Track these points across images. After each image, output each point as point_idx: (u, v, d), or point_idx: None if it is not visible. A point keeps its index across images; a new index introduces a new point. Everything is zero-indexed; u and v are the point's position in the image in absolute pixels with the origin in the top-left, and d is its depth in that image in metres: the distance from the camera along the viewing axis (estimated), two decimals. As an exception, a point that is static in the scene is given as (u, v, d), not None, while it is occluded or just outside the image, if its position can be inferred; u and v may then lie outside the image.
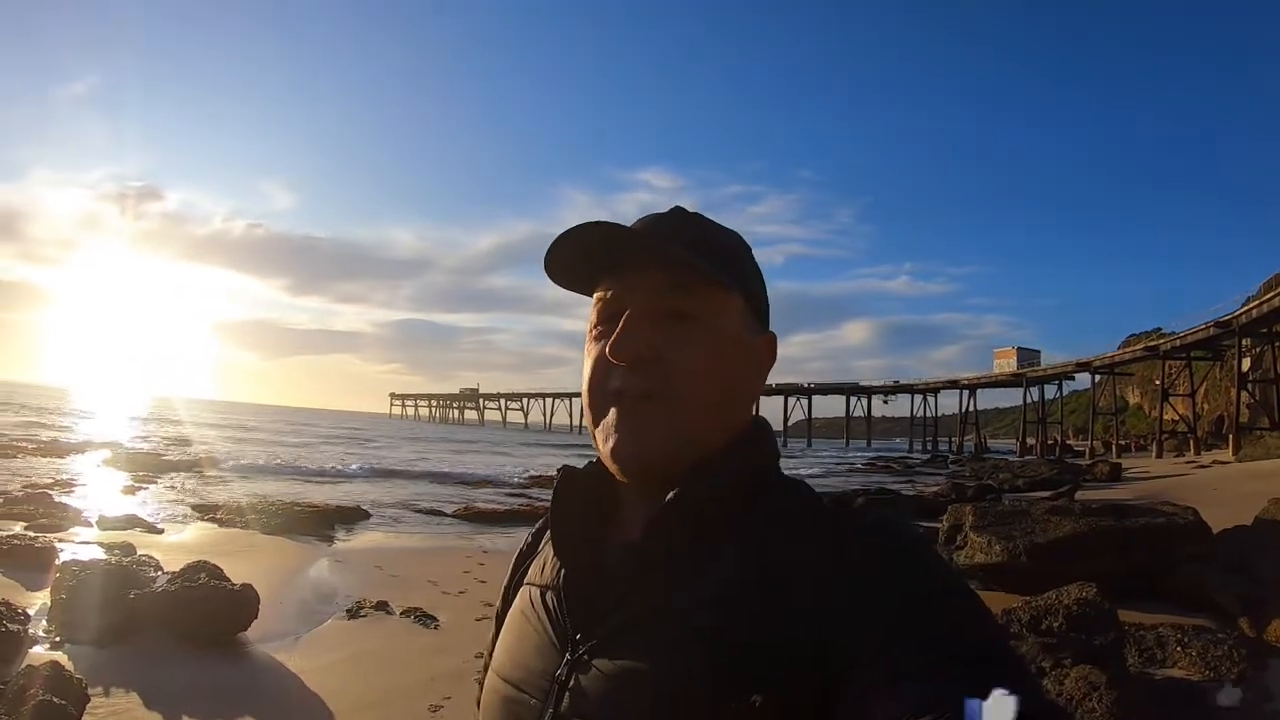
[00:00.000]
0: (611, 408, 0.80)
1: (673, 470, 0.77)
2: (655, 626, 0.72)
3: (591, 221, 0.81)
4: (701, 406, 0.79)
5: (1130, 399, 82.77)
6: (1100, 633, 4.48)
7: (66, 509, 11.00)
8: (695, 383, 0.79)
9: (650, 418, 0.78)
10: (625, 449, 0.78)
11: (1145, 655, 4.93)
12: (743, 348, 0.84)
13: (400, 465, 27.83)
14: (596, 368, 0.82)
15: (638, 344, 0.78)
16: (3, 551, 7.02)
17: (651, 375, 0.78)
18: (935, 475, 36.12)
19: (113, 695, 4.28)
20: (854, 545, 0.71)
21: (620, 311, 0.81)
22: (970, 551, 7.61)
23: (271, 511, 11.68)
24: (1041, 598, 4.86)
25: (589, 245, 0.82)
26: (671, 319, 0.80)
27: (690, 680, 0.67)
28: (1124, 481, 25.25)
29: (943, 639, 0.63)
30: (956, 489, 21.80)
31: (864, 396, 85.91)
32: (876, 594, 0.67)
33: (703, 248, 0.82)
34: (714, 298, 0.81)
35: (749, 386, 0.85)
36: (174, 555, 7.66)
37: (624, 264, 0.82)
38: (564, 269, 0.85)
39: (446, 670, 5.06)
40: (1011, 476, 28.31)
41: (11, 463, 18.03)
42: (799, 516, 0.76)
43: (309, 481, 18.99)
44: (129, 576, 5.79)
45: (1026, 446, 62.56)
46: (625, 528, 0.82)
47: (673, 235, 0.82)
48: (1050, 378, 66.27)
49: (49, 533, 8.83)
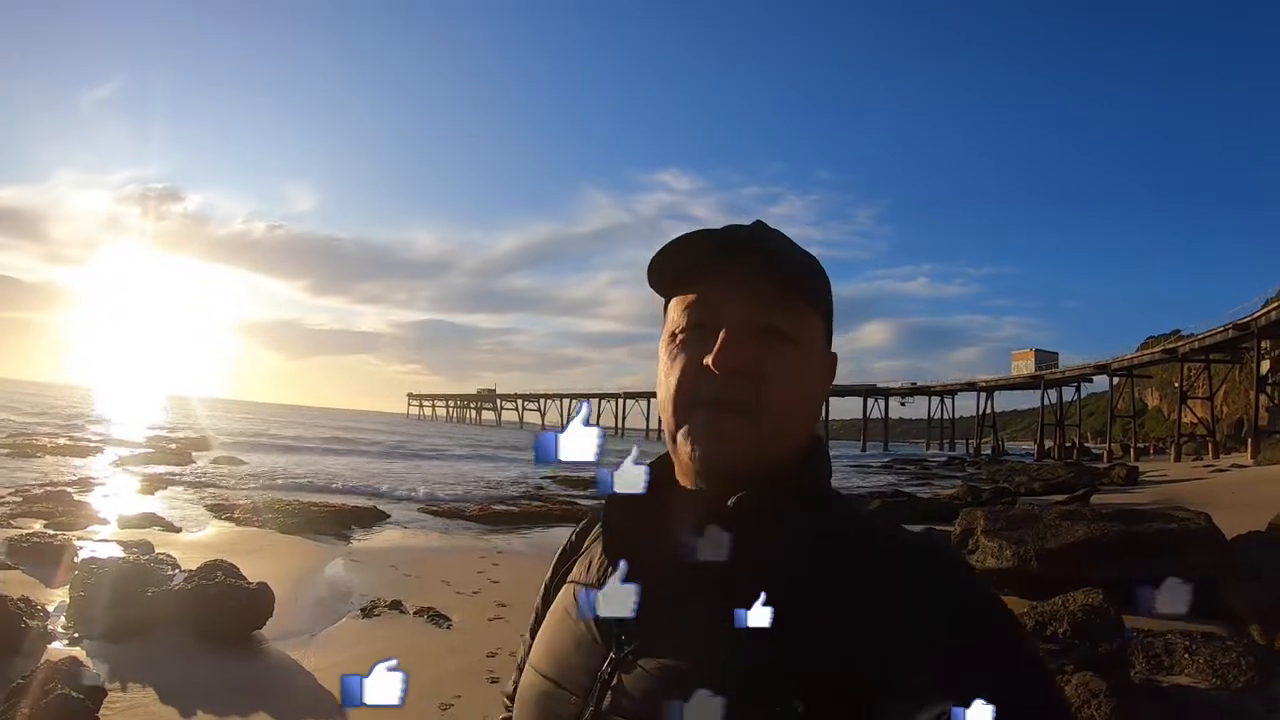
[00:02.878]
0: (699, 413, 0.81)
1: (742, 480, 0.80)
2: (701, 629, 0.74)
3: (695, 231, 0.85)
4: (785, 425, 0.83)
5: (1149, 401, 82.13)
6: (1105, 640, 4.47)
7: (86, 507, 11.14)
8: (784, 402, 0.82)
9: (737, 429, 0.80)
10: (711, 457, 0.80)
11: (1153, 662, 4.90)
12: (820, 370, 0.88)
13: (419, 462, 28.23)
14: (688, 372, 0.83)
15: (742, 357, 0.80)
16: (23, 549, 7.16)
17: (746, 388, 0.80)
18: (952, 478, 35.93)
19: (130, 690, 4.36)
20: (901, 564, 0.74)
21: (714, 318, 0.82)
22: (981, 556, 7.59)
23: (289, 511, 11.78)
24: (1048, 604, 4.85)
25: (695, 247, 0.84)
26: (771, 335, 0.82)
27: (733, 684, 0.68)
28: (1140, 485, 25.00)
29: (983, 665, 0.64)
30: (972, 492, 21.61)
31: (881, 398, 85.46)
32: (919, 614, 0.68)
33: (797, 263, 0.86)
34: (807, 318, 0.85)
35: (818, 406, 0.89)
36: (192, 554, 7.74)
37: (727, 271, 0.83)
38: (670, 269, 0.86)
39: (458, 669, 5.11)
40: (1027, 479, 28.02)
41: (32, 462, 18.20)
42: (850, 532, 0.79)
43: (329, 483, 19.06)
44: (146, 574, 5.88)
45: (1044, 449, 62.03)
46: (676, 531, 0.83)
47: (769, 246, 0.85)
48: (1068, 380, 65.84)
49: (68, 531, 8.92)
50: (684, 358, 0.83)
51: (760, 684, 0.68)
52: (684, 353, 0.84)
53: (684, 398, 0.82)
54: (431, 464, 29.69)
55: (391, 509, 14.11)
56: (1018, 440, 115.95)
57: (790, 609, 0.70)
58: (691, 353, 0.83)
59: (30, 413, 43.05)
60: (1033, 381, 68.56)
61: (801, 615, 0.70)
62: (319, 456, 29.02)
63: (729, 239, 0.84)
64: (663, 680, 0.73)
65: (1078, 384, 66.58)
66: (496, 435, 75.32)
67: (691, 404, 0.82)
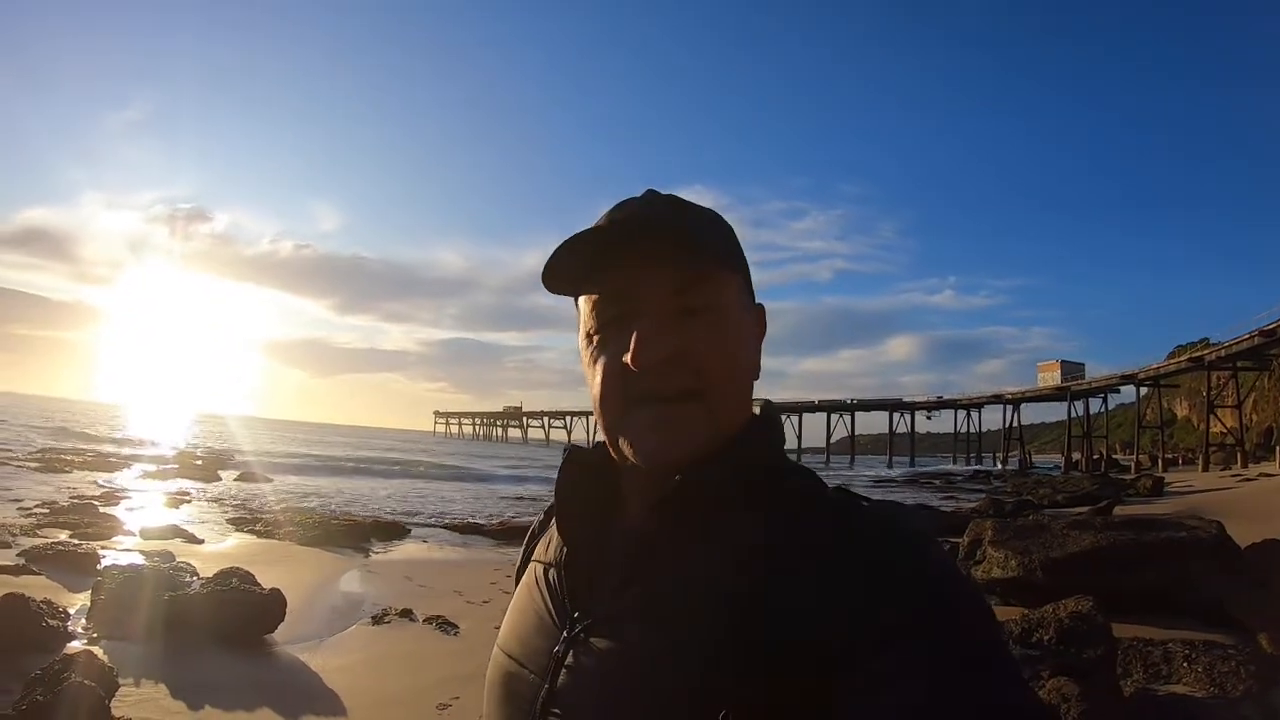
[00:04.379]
0: (641, 409, 0.76)
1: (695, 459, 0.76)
2: (654, 607, 0.72)
3: (588, 228, 0.79)
4: (733, 396, 0.79)
5: (1178, 411, 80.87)
6: (1091, 647, 4.48)
7: (110, 519, 11.44)
8: (724, 373, 0.77)
9: (690, 417, 0.76)
10: (664, 451, 0.76)
11: (1151, 671, 4.89)
12: (747, 326, 0.83)
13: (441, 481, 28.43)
14: (612, 371, 0.78)
15: (665, 346, 0.75)
16: (48, 556, 7.41)
17: (684, 374, 0.76)
18: (977, 491, 35.55)
19: (142, 685, 4.54)
20: (856, 534, 0.70)
21: (630, 309, 0.78)
22: (988, 566, 7.60)
23: (309, 524, 11.95)
24: (1037, 611, 4.88)
25: (586, 245, 0.78)
26: (685, 312, 0.77)
27: (686, 662, 0.66)
28: (1166, 496, 24.71)
29: (939, 634, 0.62)
30: (995, 504, 21.44)
31: (907, 412, 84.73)
32: (876, 585, 0.65)
33: (703, 231, 0.81)
34: (724, 281, 0.80)
35: (755, 363, 0.84)
36: (211, 563, 7.92)
37: (624, 260, 0.78)
38: (561, 273, 0.80)
39: (460, 674, 5.22)
40: (1052, 492, 27.87)
41: (60, 476, 18.53)
42: (803, 504, 0.75)
43: (352, 499, 19.22)
44: (166, 580, 6.10)
45: (1071, 461, 61.08)
46: (629, 509, 0.81)
47: (670, 222, 0.80)
48: (1095, 391, 64.86)
49: (92, 540, 9.17)
50: (604, 358, 0.79)
51: (715, 662, 0.65)
52: (604, 352, 0.79)
53: (615, 399, 0.78)
54: (455, 482, 29.83)
55: (412, 524, 14.29)
56: (1045, 453, 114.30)
57: (746, 585, 0.68)
58: (613, 350, 0.78)
59: (59, 429, 43.54)
60: (1059, 393, 67.53)
61: (754, 591, 0.67)
62: (343, 474, 29.31)
63: (625, 226, 0.78)
64: (615, 659, 0.71)
65: (1105, 395, 65.67)
66: (523, 452, 75.40)
67: (625, 404, 0.77)
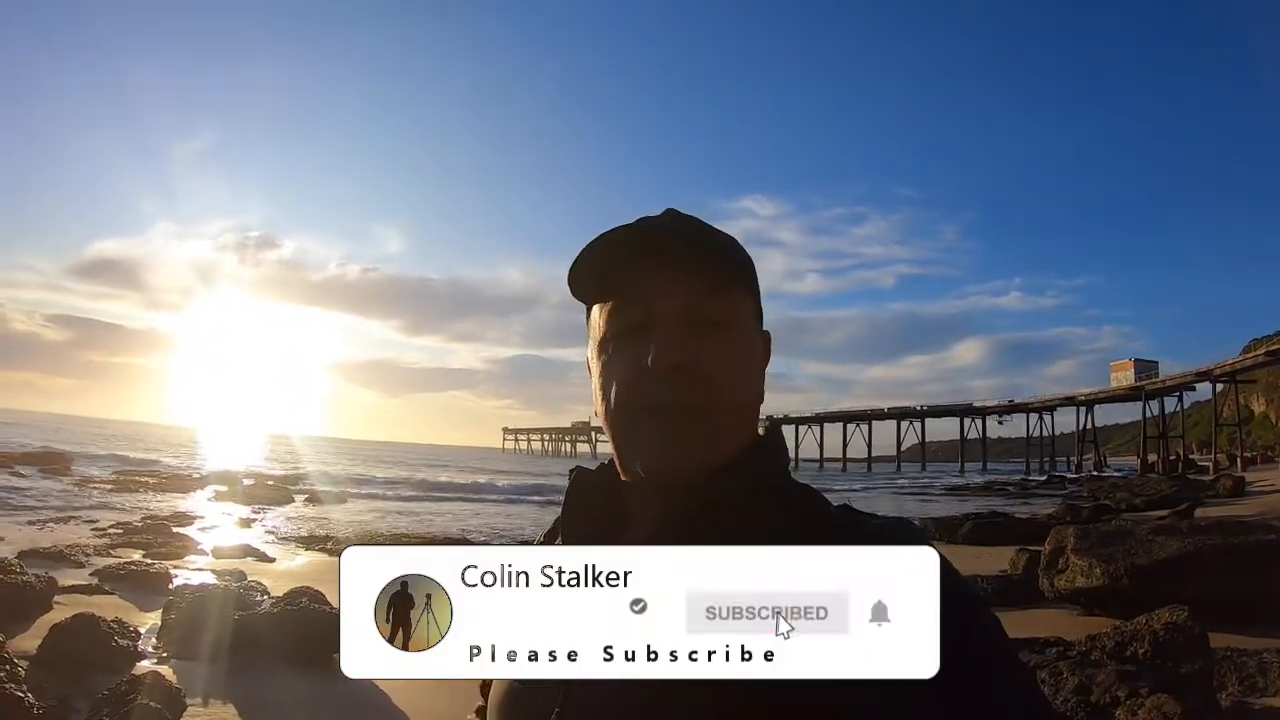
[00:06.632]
0: (648, 421, 0.77)
1: (700, 477, 0.77)
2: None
3: (614, 228, 0.82)
4: (738, 415, 0.80)
5: (1255, 408, 78.01)
6: (1189, 660, 4.24)
7: (183, 539, 11.72)
8: (732, 392, 0.79)
9: (693, 432, 0.76)
10: (667, 464, 0.77)
11: (1246, 683, 4.62)
12: (756, 351, 0.85)
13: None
14: (626, 379, 0.79)
15: (683, 351, 0.76)
16: (120, 576, 7.59)
17: (694, 388, 0.76)
18: (1051, 496, 34.72)
19: (210, 705, 4.56)
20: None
21: (646, 319, 0.79)
22: (1071, 575, 7.32)
23: (380, 543, 12.01)
24: (1130, 623, 4.65)
25: (614, 250, 0.81)
26: (705, 325, 0.78)
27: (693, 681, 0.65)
28: (1248, 496, 23.81)
29: (971, 670, 0.63)
30: (1071, 510, 20.78)
31: (978, 418, 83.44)
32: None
33: (721, 251, 0.83)
34: (739, 301, 0.82)
35: (761, 387, 0.85)
36: (282, 582, 7.96)
37: (644, 268, 0.80)
38: (591, 275, 0.83)
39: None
40: (1129, 495, 26.90)
41: (135, 496, 19.08)
42: (805, 522, 0.75)
43: (422, 517, 19.48)
44: (236, 599, 6.16)
45: (1147, 463, 59.31)
46: (634, 526, 0.81)
47: (692, 235, 0.82)
48: (1170, 389, 63.14)
49: (165, 560, 9.36)
50: (619, 364, 0.80)
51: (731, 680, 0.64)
52: (619, 359, 0.80)
53: (626, 407, 0.79)
54: (526, 501, 29.39)
55: (480, 542, 14.24)
56: (1120, 455, 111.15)
57: None
58: (627, 357, 0.79)
59: (134, 451, 44.79)
60: (1133, 393, 66.08)
61: None
62: (415, 493, 29.30)
63: (646, 236, 0.81)
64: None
65: (1180, 393, 63.80)
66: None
67: (635, 412, 0.79)
